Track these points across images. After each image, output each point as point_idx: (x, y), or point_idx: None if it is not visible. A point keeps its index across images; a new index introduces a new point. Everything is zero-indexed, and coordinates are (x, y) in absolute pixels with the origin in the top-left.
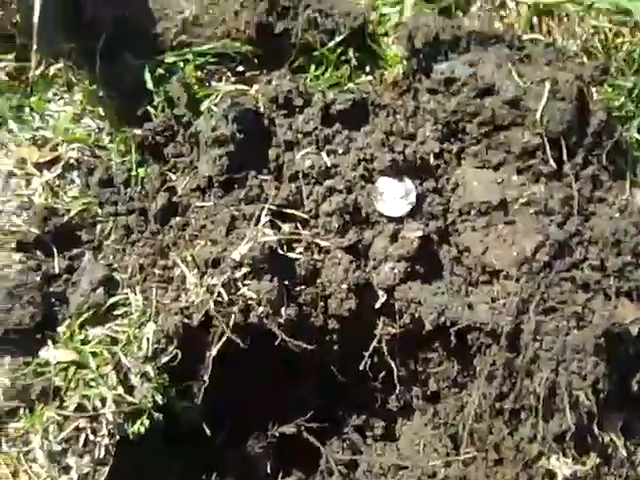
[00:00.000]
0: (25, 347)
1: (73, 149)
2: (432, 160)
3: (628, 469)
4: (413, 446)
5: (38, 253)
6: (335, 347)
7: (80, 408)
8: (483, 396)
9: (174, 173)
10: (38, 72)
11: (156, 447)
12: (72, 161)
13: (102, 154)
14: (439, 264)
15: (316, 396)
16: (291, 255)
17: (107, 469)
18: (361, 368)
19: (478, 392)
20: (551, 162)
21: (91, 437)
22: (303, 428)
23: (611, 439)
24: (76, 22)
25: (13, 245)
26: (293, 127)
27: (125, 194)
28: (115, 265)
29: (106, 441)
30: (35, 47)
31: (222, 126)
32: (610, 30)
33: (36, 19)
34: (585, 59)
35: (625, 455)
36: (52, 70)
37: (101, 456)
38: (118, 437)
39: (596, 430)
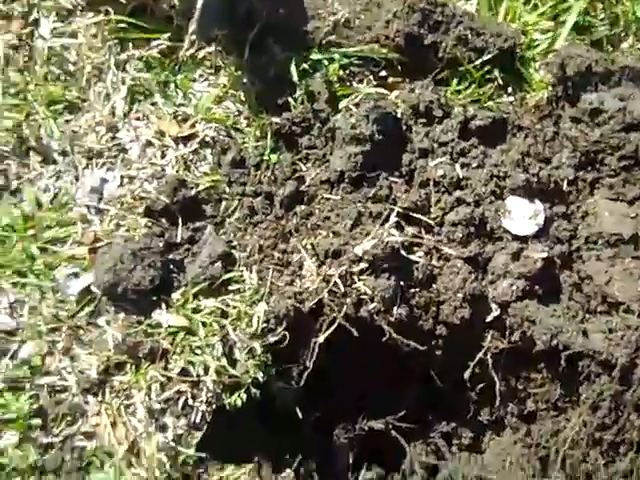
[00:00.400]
0: (140, 307)
1: (210, 128)
2: (565, 186)
3: None
4: (499, 461)
5: (163, 221)
6: (439, 353)
7: (183, 372)
8: (584, 424)
9: (305, 164)
10: (189, 53)
11: (248, 422)
12: (208, 139)
13: (237, 136)
14: (558, 288)
15: (410, 398)
16: (411, 257)
17: (201, 434)
18: (465, 377)
19: (579, 419)
20: None
21: (190, 401)
22: (392, 426)
23: None
24: (232, 11)
25: (141, 210)
26: (430, 136)
27: (255, 176)
28: (235, 243)
29: (203, 407)
30: (191, 30)
31: (362, 125)
32: None
33: (199, 5)
34: None
35: None
36: (202, 53)
37: (197, 421)
38: (215, 406)
39: None
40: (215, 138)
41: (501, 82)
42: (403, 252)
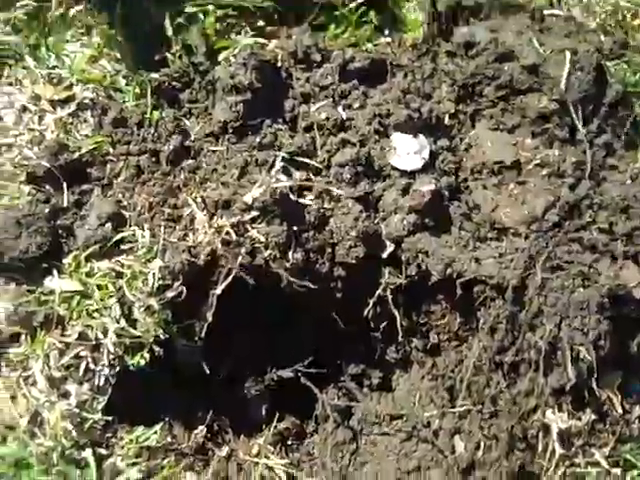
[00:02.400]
0: (30, 276)
1: (88, 89)
2: (447, 120)
3: (622, 426)
4: (409, 397)
5: (47, 187)
6: (339, 295)
7: (82, 337)
8: (484, 349)
9: (188, 119)
10: (57, 13)
11: (155, 382)
12: (86, 101)
13: (117, 96)
14: (448, 219)
15: (316, 343)
16: (302, 201)
17: (106, 398)
18: (364, 314)
19: (479, 345)
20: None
21: (91, 366)
22: (301, 374)
23: (608, 396)
24: None
25: (23, 178)
26: (310, 81)
27: (138, 135)
28: (124, 203)
29: (106, 371)
30: None
31: (240, 74)
32: (628, 10)
33: None
34: (602, 37)
35: (620, 413)
36: (72, 12)
37: (100, 385)
38: (118, 368)
39: (594, 386)
40: (94, 99)
41: (377, 24)
42: (293, 197)
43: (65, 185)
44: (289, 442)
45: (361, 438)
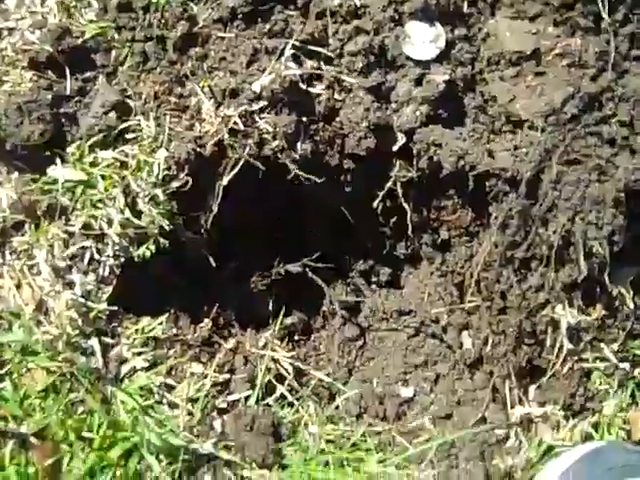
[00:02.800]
0: (33, 164)
1: None
2: (465, 7)
3: (633, 322)
4: (418, 293)
5: (50, 73)
6: (348, 188)
7: (86, 228)
8: (495, 244)
9: (196, 4)
10: None
11: (160, 275)
12: None
13: None
14: (463, 111)
15: (324, 238)
16: (312, 91)
17: (110, 288)
18: (374, 207)
19: (490, 240)
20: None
21: (96, 256)
22: (308, 268)
23: (620, 292)
24: None
25: (25, 63)
26: None
27: (144, 20)
28: (129, 91)
29: (111, 261)
30: None
31: None
32: None
33: None
34: None
35: (632, 308)
36: None
37: (105, 275)
38: (123, 259)
39: (607, 281)
40: None
41: None
42: (303, 86)
43: (68, 71)
44: (295, 337)
45: (368, 334)
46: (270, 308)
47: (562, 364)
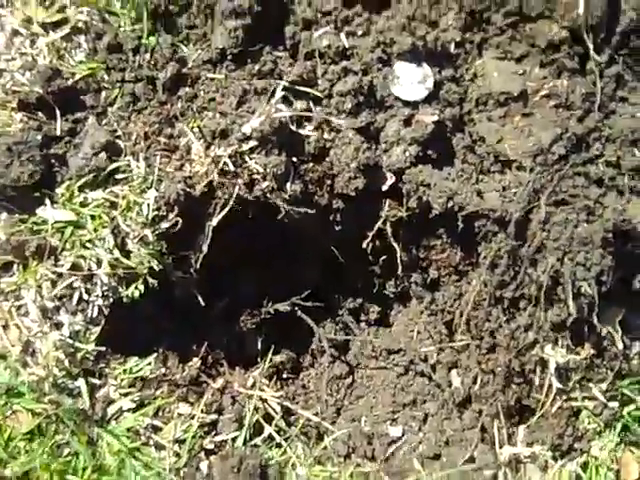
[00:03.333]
0: (22, 204)
1: (82, 12)
2: (453, 49)
3: (622, 362)
4: (407, 331)
5: (40, 114)
6: (338, 227)
7: (75, 268)
8: (484, 284)
9: (185, 45)
10: None
11: (150, 314)
12: (80, 24)
13: (112, 20)
14: (451, 151)
15: (313, 277)
16: (301, 132)
17: (99, 329)
18: (363, 247)
19: (479, 279)
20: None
21: (85, 296)
22: (298, 307)
23: (608, 332)
24: None
25: (15, 105)
26: (312, 5)
27: (134, 62)
28: (119, 132)
29: (99, 302)
30: None
31: None
32: None
33: None
34: None
35: (621, 348)
36: None
37: (94, 316)
38: (112, 299)
39: (595, 321)
40: (88, 23)
41: None
42: (292, 126)
43: (58, 112)
44: (284, 375)
45: (357, 372)
46: (259, 347)
47: (551, 404)
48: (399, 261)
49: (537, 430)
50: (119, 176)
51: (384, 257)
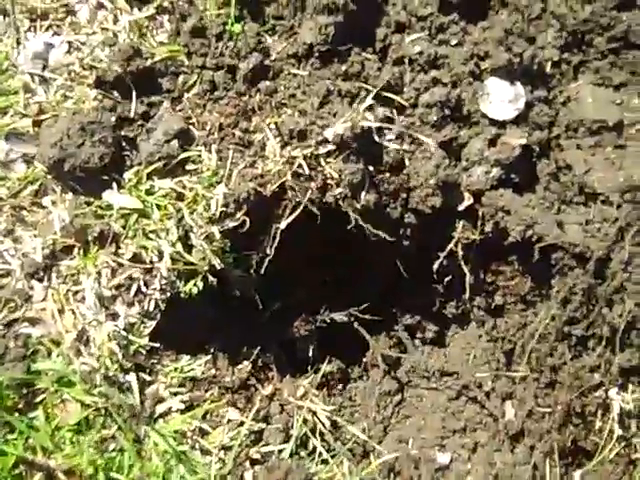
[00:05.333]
0: (89, 187)
1: None
2: (549, 68)
3: None
4: (463, 355)
5: (115, 93)
6: (407, 243)
7: (136, 258)
8: (552, 318)
9: (271, 36)
10: None
11: (205, 312)
12: (166, 4)
13: (198, 2)
14: (535, 177)
15: (374, 290)
16: (381, 141)
17: (154, 323)
18: (434, 268)
19: (549, 313)
20: None
21: (143, 289)
22: (354, 318)
23: None
24: None
25: (91, 81)
26: (408, 9)
27: (216, 48)
28: (193, 120)
29: (157, 295)
30: None
31: None
32: None
33: None
34: None
35: None
36: None
37: (150, 309)
38: (170, 294)
39: None
40: (174, 3)
41: None
42: (375, 136)
43: (134, 93)
44: (332, 384)
45: (407, 391)
46: (310, 354)
47: (610, 449)
48: (468, 284)
49: (592, 475)
50: (189, 167)
51: (449, 277)
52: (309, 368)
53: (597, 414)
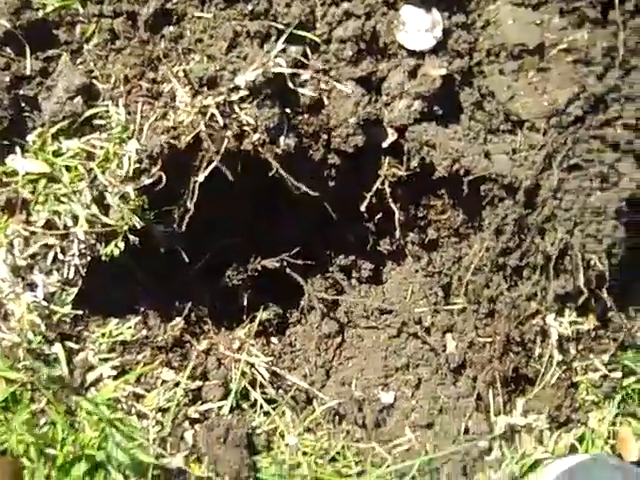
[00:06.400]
0: None
1: None
2: None
3: (626, 335)
4: (401, 291)
5: (8, 50)
6: (332, 183)
7: (49, 224)
8: (486, 249)
9: None
10: None
11: (130, 271)
12: None
13: None
14: (458, 107)
15: (304, 233)
16: (296, 81)
17: (76, 290)
18: (362, 209)
19: (482, 245)
20: None
21: (60, 256)
22: (286, 264)
23: (613, 302)
24: None
25: None
26: None
27: None
28: (96, 73)
29: (76, 261)
30: None
31: None
32: None
33: None
34: None
35: (624, 320)
36: None
37: (70, 276)
38: (90, 258)
39: (605, 294)
40: None
41: None
42: (287, 76)
43: (28, 49)
44: (270, 331)
45: (347, 331)
46: (245, 304)
47: (550, 374)
48: (397, 221)
49: (534, 400)
50: (97, 123)
51: (379, 215)
52: (245, 317)
53: (536, 341)
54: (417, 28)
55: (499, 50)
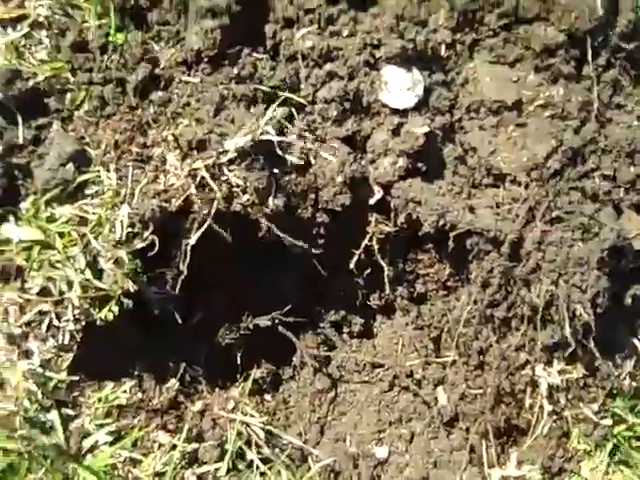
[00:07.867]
0: None
1: (42, 6)
2: (443, 51)
3: (613, 382)
4: (391, 345)
5: (0, 120)
6: (321, 241)
7: (44, 291)
8: (474, 302)
9: (157, 43)
10: None
11: (125, 334)
12: (41, 19)
13: (76, 14)
14: (442, 163)
15: (295, 290)
16: (283, 142)
17: (72, 355)
18: (351, 266)
19: (470, 297)
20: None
21: (55, 322)
22: (278, 321)
23: (600, 351)
24: None
25: None
26: (294, 2)
27: (101, 61)
28: (87, 139)
29: (71, 326)
30: None
31: None
32: None
33: None
34: None
35: (612, 368)
36: None
37: (65, 342)
38: (84, 323)
39: (591, 344)
40: (50, 18)
41: None
42: (277, 147)
43: (20, 118)
44: (265, 388)
45: (340, 386)
46: (238, 362)
47: (542, 425)
48: (386, 277)
49: (527, 451)
50: (89, 189)
51: (369, 271)
52: (239, 376)
53: (527, 391)
54: (399, 87)
55: (478, 106)
